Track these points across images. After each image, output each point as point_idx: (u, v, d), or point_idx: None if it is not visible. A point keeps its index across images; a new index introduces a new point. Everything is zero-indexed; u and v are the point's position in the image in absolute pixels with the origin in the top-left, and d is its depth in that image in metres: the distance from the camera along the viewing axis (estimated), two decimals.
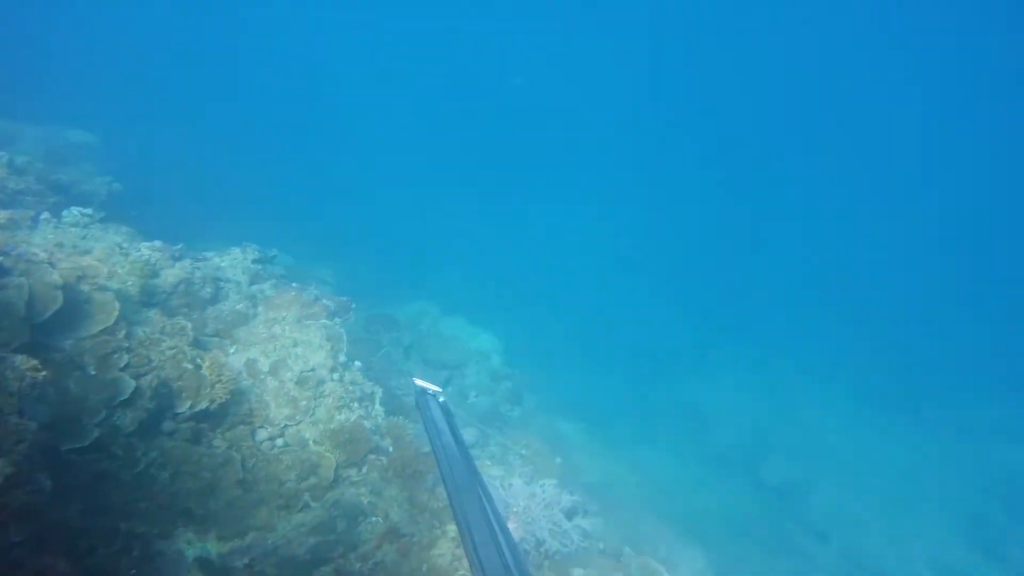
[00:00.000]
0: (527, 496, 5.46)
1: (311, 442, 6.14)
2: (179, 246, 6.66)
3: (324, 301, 7.25)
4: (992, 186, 37.14)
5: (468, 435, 9.57)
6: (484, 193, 27.80)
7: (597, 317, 19.53)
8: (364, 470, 6.12)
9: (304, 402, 6.36)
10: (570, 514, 6.61)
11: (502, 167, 32.50)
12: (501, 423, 12.08)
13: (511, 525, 5.12)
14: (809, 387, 17.06)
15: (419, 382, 2.51)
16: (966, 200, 36.16)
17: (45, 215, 6.54)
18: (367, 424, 6.61)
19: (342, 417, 6.52)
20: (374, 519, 5.23)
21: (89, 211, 6.80)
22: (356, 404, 6.74)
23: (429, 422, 2.23)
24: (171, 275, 6.35)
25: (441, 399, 2.39)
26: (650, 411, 15.95)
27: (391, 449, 6.49)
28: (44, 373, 3.66)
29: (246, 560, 4.40)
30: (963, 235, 32.66)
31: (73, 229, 6.56)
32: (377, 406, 7.06)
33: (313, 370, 6.62)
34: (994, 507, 13.41)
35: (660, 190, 32.52)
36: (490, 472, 6.81)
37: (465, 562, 4.84)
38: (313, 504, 5.50)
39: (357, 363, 7.21)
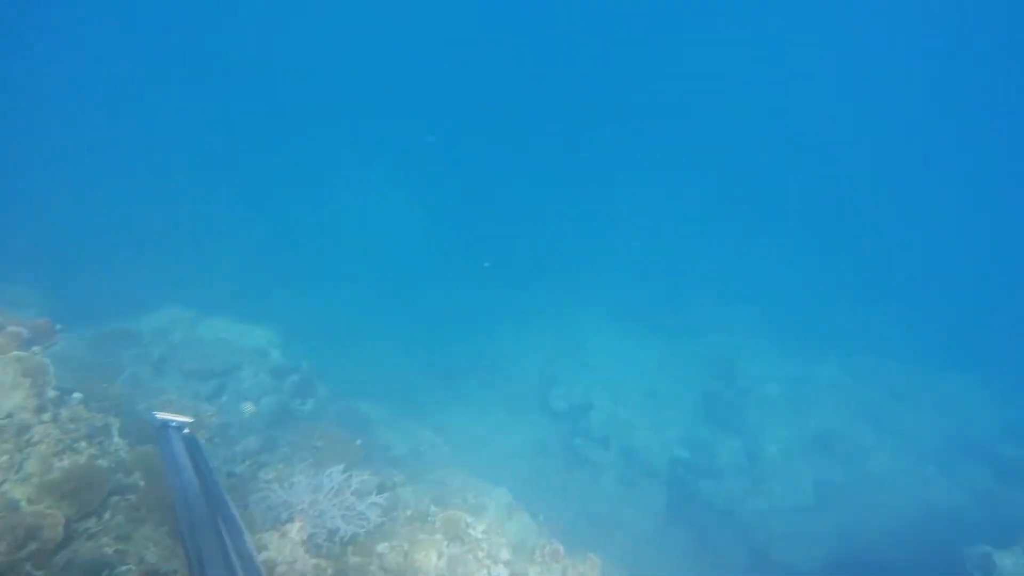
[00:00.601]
0: (312, 489, 5.20)
1: (23, 502, 4.93)
2: None
3: (12, 328, 5.74)
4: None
5: (251, 443, 8.73)
6: (242, 175, 24.83)
7: (384, 290, 19.27)
8: (106, 516, 5.15)
9: (5, 457, 5.05)
10: (370, 493, 6.53)
11: (266, 146, 29.31)
12: (293, 420, 11.27)
13: (296, 525, 4.84)
14: (579, 315, 19.37)
15: (161, 415, 2.19)
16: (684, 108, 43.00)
17: None
18: (103, 463, 5.55)
19: (65, 463, 5.36)
20: (124, 568, 4.46)
21: None
22: (84, 443, 5.60)
23: (169, 459, 1.96)
24: None
25: (186, 431, 2.09)
26: (451, 370, 16.53)
27: (142, 484, 5.56)
28: None
29: None
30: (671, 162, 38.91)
31: None
32: (116, 439, 5.96)
33: (10, 416, 5.26)
34: (719, 386, 17.04)
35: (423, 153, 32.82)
36: (270, 475, 6.31)
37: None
38: (37, 574, 4.46)
39: (76, 395, 5.94)
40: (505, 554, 7.18)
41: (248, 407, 10.01)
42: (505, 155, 34.38)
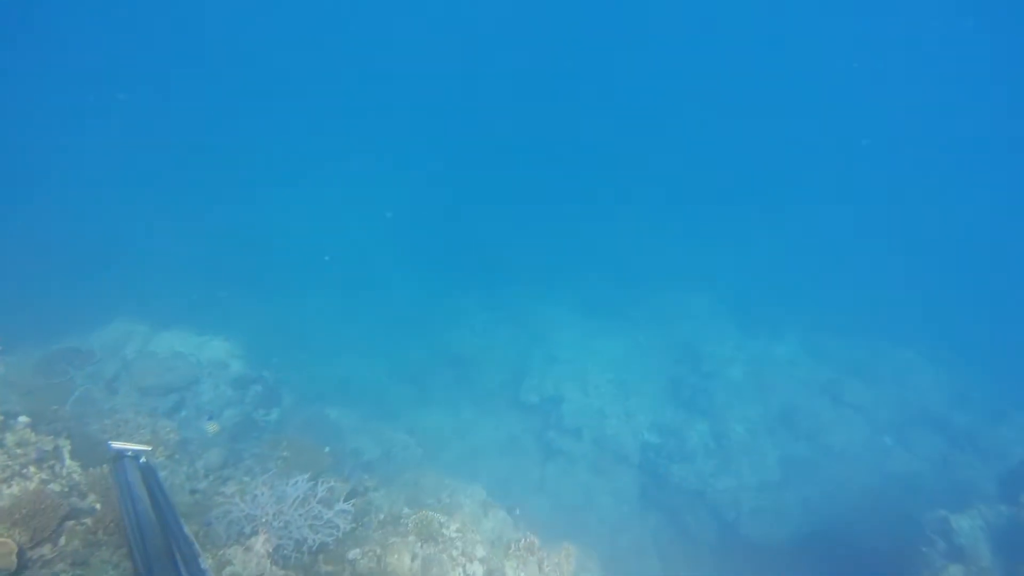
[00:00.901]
0: (276, 500, 5.09)
1: None
2: None
3: None
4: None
5: (214, 458, 8.49)
6: (193, 184, 24.00)
7: (350, 293, 18.99)
8: (61, 542, 4.94)
9: None
10: (339, 500, 6.44)
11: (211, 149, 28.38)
12: (258, 432, 11.03)
13: (260, 539, 4.74)
14: (544, 310, 19.47)
15: (117, 445, 2.10)
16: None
17: None
18: (55, 487, 5.33)
19: (14, 489, 5.14)
20: None
21: None
22: (33, 468, 5.37)
23: (124, 489, 1.87)
24: None
25: (142, 460, 1.99)
26: (418, 370, 16.40)
27: (97, 507, 5.35)
28: None
29: None
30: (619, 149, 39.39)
31: None
32: (68, 462, 5.73)
33: None
34: (684, 371, 17.39)
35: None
36: (231, 489, 6.15)
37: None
38: None
39: (22, 419, 5.68)
40: (480, 551, 7.19)
41: (211, 427, 9.72)
42: (471, 155, 34.25)
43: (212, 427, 9.81)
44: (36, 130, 23.92)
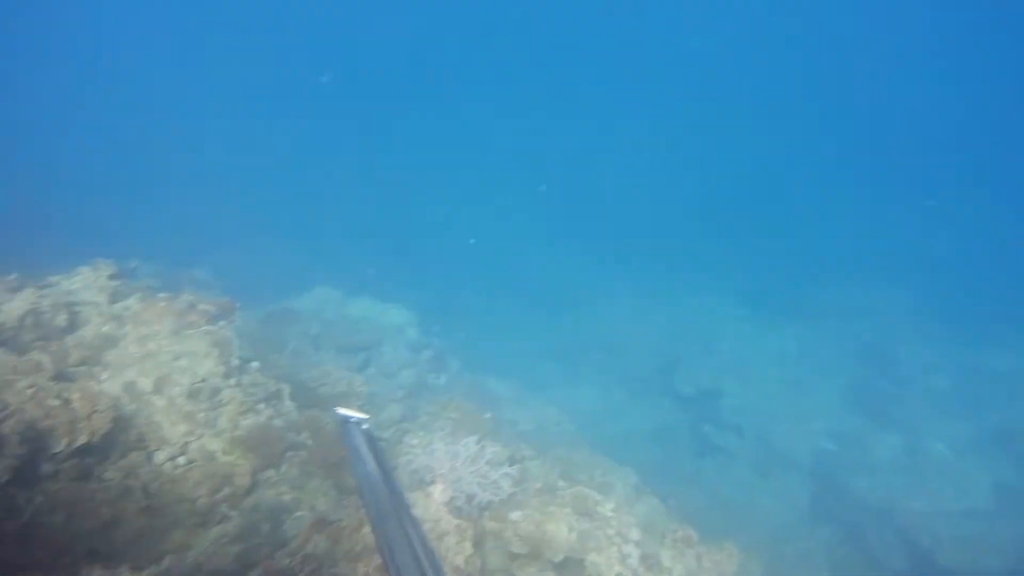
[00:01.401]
0: (451, 456, 5.54)
1: (219, 453, 5.81)
2: (13, 275, 5.86)
3: (202, 306, 6.74)
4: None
5: (394, 412, 9.49)
6: (367, 166, 26.81)
7: (505, 269, 19.80)
8: (283, 468, 5.91)
9: (201, 415, 5.98)
10: (501, 464, 6.79)
11: (383, 134, 31.38)
12: (429, 392, 12.08)
13: (439, 487, 5.20)
14: (702, 299, 18.38)
15: (341, 411, 2.34)
16: (822, 105, 39.20)
17: None
18: (279, 423, 6.35)
19: (249, 422, 6.22)
20: (299, 514, 5.11)
21: None
22: (262, 405, 6.44)
23: (353, 451, 2.16)
24: (13, 309, 5.62)
25: (364, 427, 2.30)
26: (569, 350, 16.62)
27: (309, 442, 6.30)
28: None
29: None
30: (811, 134, 35.28)
31: None
32: (287, 402, 6.79)
33: (204, 380, 6.20)
34: (872, 374, 15.33)
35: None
36: (415, 441, 6.82)
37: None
38: (232, 513, 5.26)
39: (254, 364, 6.84)
40: (635, 534, 7.11)
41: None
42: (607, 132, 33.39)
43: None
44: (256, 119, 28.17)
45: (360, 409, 2.42)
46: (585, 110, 35.89)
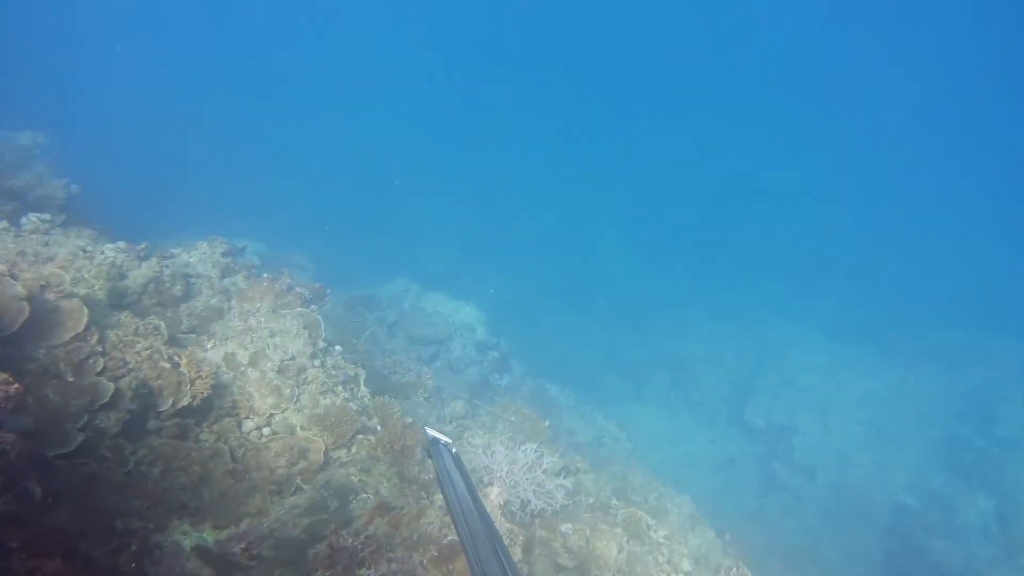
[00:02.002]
0: (510, 461, 5.66)
1: (298, 428, 6.26)
2: (143, 245, 6.60)
3: (298, 289, 7.27)
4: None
5: (457, 408, 9.78)
6: (456, 171, 27.57)
7: (577, 279, 19.75)
8: (353, 450, 6.27)
9: (287, 390, 6.45)
10: (556, 474, 6.84)
11: (471, 144, 32.17)
12: (491, 392, 12.31)
13: (495, 490, 5.34)
14: (783, 328, 17.46)
15: (431, 432, 2.49)
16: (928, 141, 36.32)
17: (3, 224, 6.43)
18: (353, 406, 6.73)
19: (327, 401, 6.64)
20: (364, 496, 5.41)
21: (48, 216, 6.69)
22: (340, 388, 6.86)
23: (442, 472, 2.25)
24: (139, 275, 6.32)
25: (453, 450, 2.39)
26: (634, 366, 16.34)
27: (379, 428, 6.64)
28: (16, 385, 3.70)
29: (243, 545, 4.56)
30: (913, 167, 32.78)
31: (34, 236, 6.46)
32: (362, 387, 7.18)
33: (293, 358, 6.69)
34: (969, 431, 13.97)
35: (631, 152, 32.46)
36: (477, 441, 7.01)
37: (453, 527, 5.06)
38: (305, 487, 5.65)
39: (338, 347, 7.29)
40: (687, 565, 6.95)
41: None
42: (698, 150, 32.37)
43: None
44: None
45: (439, 430, 2.50)
46: (690, 126, 35.17)
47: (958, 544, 11.40)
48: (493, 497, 5.24)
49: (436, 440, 2.40)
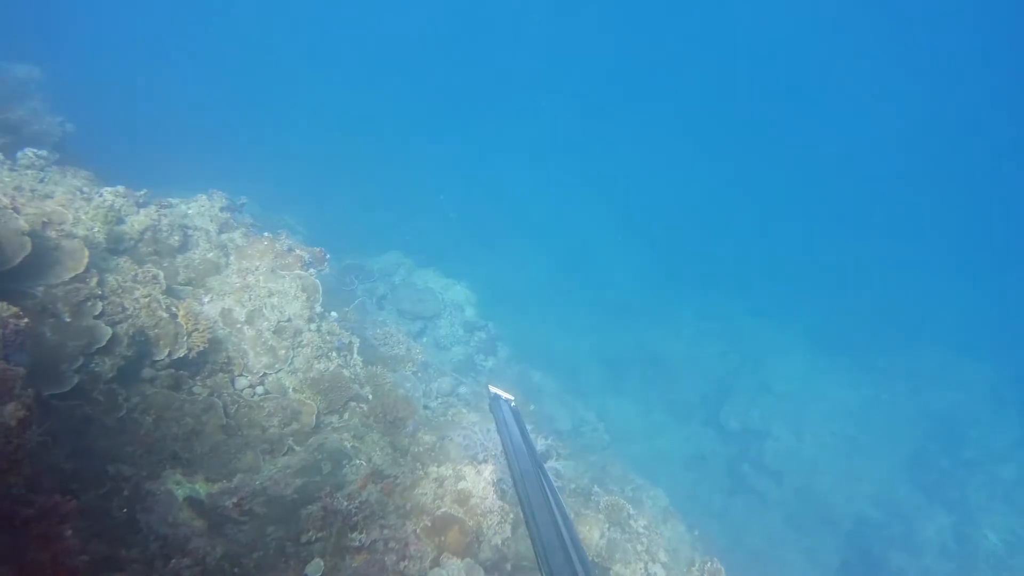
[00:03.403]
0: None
1: (291, 390, 6.21)
2: (143, 191, 6.41)
3: (298, 251, 7.16)
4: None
5: (444, 384, 9.77)
6: (460, 147, 27.32)
7: (568, 268, 19.79)
8: (345, 416, 6.25)
9: (282, 351, 6.38)
10: (543, 457, 6.90)
11: (476, 121, 31.87)
12: (475, 373, 12.32)
13: (489, 467, 5.37)
14: (767, 332, 17.77)
15: (493, 389, 2.79)
16: (926, 159, 37.06)
17: None
18: (346, 373, 6.70)
19: (321, 366, 6.59)
20: (358, 462, 5.40)
21: (44, 152, 6.46)
22: (334, 354, 6.81)
23: (500, 423, 2.51)
24: (137, 222, 6.15)
25: (512, 404, 2.67)
26: (616, 359, 16.48)
27: (371, 397, 6.62)
28: (26, 320, 3.59)
29: (235, 499, 4.53)
30: (910, 186, 33.47)
31: (29, 172, 6.24)
32: (355, 356, 7.13)
33: (290, 320, 6.61)
34: (935, 450, 14.46)
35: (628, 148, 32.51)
36: (468, 418, 7.03)
37: (447, 499, 5.09)
38: (297, 448, 5.62)
39: (333, 314, 7.23)
40: (663, 555, 7.10)
41: None
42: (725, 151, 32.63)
43: None
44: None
45: (501, 388, 2.75)
46: (690, 126, 35.34)
47: (915, 558, 11.85)
48: (487, 474, 5.28)
49: (497, 396, 2.66)
